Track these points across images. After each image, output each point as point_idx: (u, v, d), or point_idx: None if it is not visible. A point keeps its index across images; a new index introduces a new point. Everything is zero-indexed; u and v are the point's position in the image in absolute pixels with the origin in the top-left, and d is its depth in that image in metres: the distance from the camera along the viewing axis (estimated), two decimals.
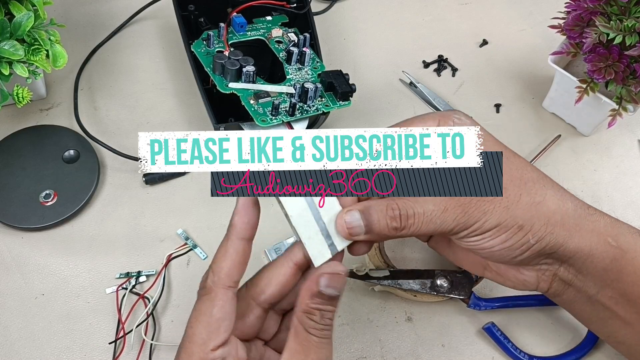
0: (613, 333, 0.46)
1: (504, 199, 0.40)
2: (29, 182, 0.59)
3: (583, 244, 0.42)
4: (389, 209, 0.39)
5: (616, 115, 0.58)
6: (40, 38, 0.54)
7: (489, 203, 0.40)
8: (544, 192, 0.41)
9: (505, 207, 0.40)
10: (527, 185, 0.41)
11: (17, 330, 0.53)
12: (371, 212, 0.39)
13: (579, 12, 0.57)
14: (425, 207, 0.39)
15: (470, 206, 0.39)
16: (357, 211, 0.39)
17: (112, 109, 0.66)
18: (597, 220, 0.43)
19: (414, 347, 0.53)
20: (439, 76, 0.71)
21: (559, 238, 0.41)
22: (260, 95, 0.58)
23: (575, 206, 0.43)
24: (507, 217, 0.40)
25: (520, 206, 0.40)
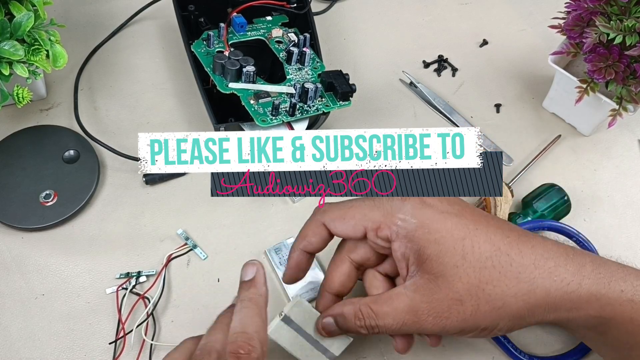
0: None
1: (461, 312, 0.40)
2: (29, 182, 0.59)
3: (559, 319, 0.42)
4: (356, 318, 0.43)
5: (616, 115, 0.58)
6: (40, 38, 0.54)
7: (445, 319, 0.40)
8: (504, 294, 0.40)
9: (463, 320, 0.41)
10: (484, 291, 0.40)
11: (17, 330, 0.53)
12: (341, 321, 0.44)
13: (579, 12, 0.57)
14: (386, 321, 0.42)
15: (427, 320, 0.41)
16: (331, 318, 0.44)
17: (112, 109, 0.66)
18: (577, 297, 0.40)
19: (414, 347, 0.53)
20: (439, 76, 0.71)
21: (529, 322, 0.42)
22: (261, 95, 0.58)
23: (546, 292, 0.40)
24: (467, 326, 0.41)
25: (479, 316, 0.40)
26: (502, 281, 0.40)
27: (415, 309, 0.41)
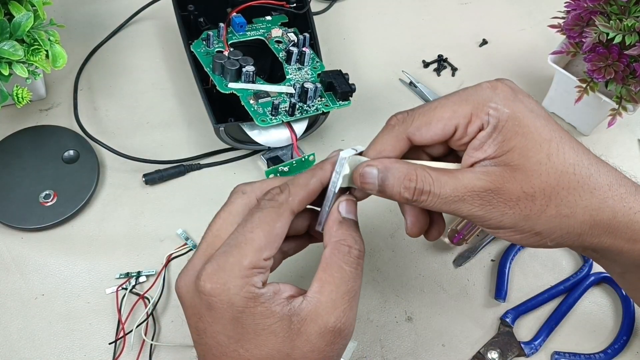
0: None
1: (526, 207, 0.38)
2: (28, 182, 0.58)
3: (614, 248, 0.40)
4: (406, 178, 0.38)
5: (616, 114, 0.58)
6: (40, 38, 0.54)
7: (509, 207, 0.38)
8: (575, 203, 0.38)
9: (525, 215, 0.38)
10: (559, 195, 0.38)
11: (17, 330, 0.53)
12: (389, 174, 0.39)
13: (578, 11, 0.57)
14: (443, 189, 0.38)
15: (490, 204, 0.38)
16: (376, 169, 0.39)
17: (111, 109, 0.66)
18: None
19: (414, 347, 0.53)
20: (438, 76, 0.71)
21: (583, 242, 0.39)
22: (260, 95, 0.58)
23: (614, 214, 0.39)
24: (525, 224, 0.38)
25: (542, 218, 0.38)
26: (578, 191, 0.38)
27: (481, 189, 0.37)
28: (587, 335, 0.55)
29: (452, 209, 0.38)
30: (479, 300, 0.56)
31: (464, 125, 0.39)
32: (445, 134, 0.40)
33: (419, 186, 0.38)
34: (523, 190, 0.37)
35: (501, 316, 0.55)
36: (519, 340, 0.53)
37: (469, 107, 0.39)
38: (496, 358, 0.53)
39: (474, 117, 0.39)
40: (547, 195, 0.38)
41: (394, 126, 0.41)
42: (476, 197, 0.37)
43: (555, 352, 0.53)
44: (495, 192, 0.37)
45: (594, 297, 0.57)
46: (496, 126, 0.38)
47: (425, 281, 0.57)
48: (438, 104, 0.40)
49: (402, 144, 0.41)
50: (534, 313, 0.56)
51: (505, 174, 0.38)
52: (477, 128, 0.39)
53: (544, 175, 0.38)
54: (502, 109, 0.38)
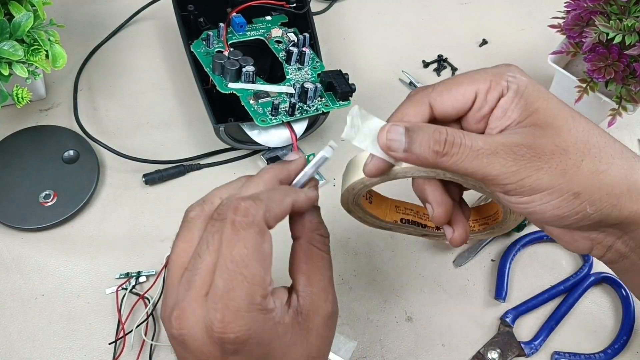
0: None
1: (562, 161, 0.36)
2: (28, 182, 0.58)
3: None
4: (436, 132, 0.37)
5: (616, 114, 0.58)
6: (40, 38, 0.54)
7: (544, 161, 0.36)
8: (609, 160, 0.37)
9: (562, 170, 0.36)
10: (591, 151, 0.37)
11: (17, 331, 0.53)
12: (417, 130, 0.37)
13: (578, 11, 0.57)
14: (474, 142, 0.36)
15: (524, 158, 0.36)
16: (402, 127, 0.37)
17: (111, 109, 0.66)
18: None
19: (414, 347, 0.53)
20: (438, 76, 0.71)
21: (623, 210, 0.37)
22: (260, 95, 0.58)
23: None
24: (563, 181, 0.36)
25: (580, 173, 0.36)
26: (609, 149, 0.37)
27: (514, 143, 0.36)
28: (587, 335, 0.55)
29: (484, 163, 0.36)
30: (479, 300, 0.56)
31: (484, 91, 0.39)
32: (466, 101, 0.39)
33: (450, 138, 0.37)
34: (556, 144, 0.36)
35: (501, 316, 0.55)
36: (519, 340, 0.53)
37: (488, 76, 0.39)
38: (496, 358, 0.53)
39: (493, 84, 0.39)
40: (580, 149, 0.37)
41: (416, 94, 0.40)
42: (509, 152, 0.36)
43: (555, 352, 0.53)
44: (528, 147, 0.36)
45: (594, 297, 0.57)
46: (517, 91, 0.38)
47: (425, 281, 0.57)
48: (458, 75, 0.41)
49: (424, 109, 0.40)
50: (534, 313, 0.56)
51: (535, 131, 0.37)
52: (497, 95, 0.38)
53: (574, 130, 0.37)
54: (520, 77, 0.39)
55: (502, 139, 0.37)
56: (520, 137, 0.37)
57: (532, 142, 0.36)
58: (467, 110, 0.40)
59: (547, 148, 0.36)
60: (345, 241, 0.59)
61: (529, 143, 0.36)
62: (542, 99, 0.38)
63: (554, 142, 0.36)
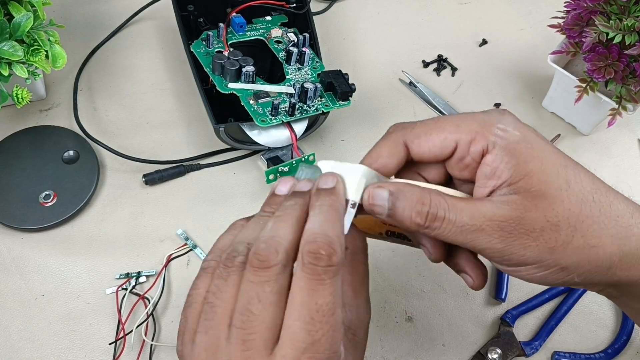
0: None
1: (551, 238, 0.34)
2: (28, 182, 0.58)
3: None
4: (419, 202, 0.35)
5: (616, 114, 0.58)
6: (40, 39, 0.54)
7: (532, 238, 0.34)
8: (602, 233, 0.35)
9: (550, 248, 0.34)
10: (584, 223, 0.35)
11: (17, 331, 0.53)
12: (400, 197, 0.35)
13: (578, 11, 0.57)
14: (459, 217, 0.34)
15: (511, 235, 0.34)
16: (387, 191, 0.35)
17: (111, 110, 0.66)
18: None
19: (414, 347, 0.53)
20: (438, 76, 0.71)
21: (612, 277, 0.36)
22: (260, 95, 0.58)
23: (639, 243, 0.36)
24: (550, 257, 0.35)
25: (568, 250, 0.35)
26: (602, 219, 0.35)
27: (502, 218, 0.34)
28: (587, 335, 0.55)
29: (468, 239, 0.35)
30: (479, 300, 0.56)
31: (467, 142, 0.36)
32: (445, 148, 0.37)
33: (433, 211, 0.35)
34: (547, 219, 0.34)
35: (501, 316, 0.55)
36: (519, 340, 0.53)
37: (475, 125, 0.36)
38: (496, 358, 0.53)
39: (478, 135, 0.36)
40: (572, 224, 0.34)
41: (392, 132, 0.39)
42: (496, 228, 0.34)
43: (555, 352, 0.53)
44: (517, 222, 0.34)
45: (594, 297, 0.57)
46: (506, 148, 0.35)
47: (425, 281, 0.57)
48: (442, 117, 0.38)
49: (399, 150, 0.38)
50: (534, 313, 0.56)
51: (526, 201, 0.35)
52: (480, 149, 0.36)
53: (567, 202, 0.35)
54: (511, 131, 0.36)
55: (491, 211, 0.34)
56: (511, 209, 0.34)
57: (522, 215, 0.34)
58: (447, 158, 0.38)
59: (537, 223, 0.34)
60: None
61: (518, 217, 0.34)
62: (536, 160, 0.35)
63: (545, 217, 0.34)
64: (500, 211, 0.34)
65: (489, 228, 0.34)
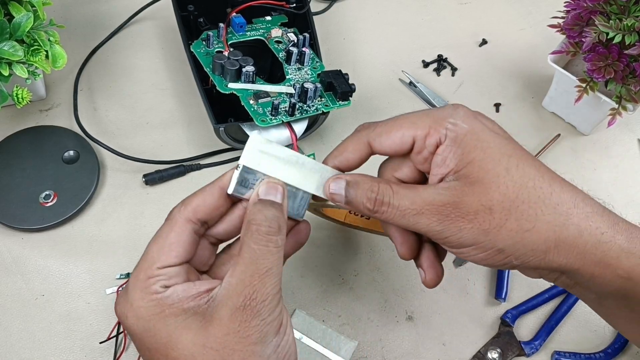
0: (621, 328, 0.46)
1: (485, 221, 0.37)
2: (28, 182, 0.58)
3: (584, 271, 0.39)
4: (369, 190, 0.40)
5: (616, 114, 0.59)
6: (40, 39, 0.54)
7: (467, 221, 0.38)
8: (537, 218, 0.38)
9: (484, 230, 0.37)
10: (518, 208, 0.37)
11: (18, 331, 0.53)
12: (354, 186, 0.41)
13: (578, 11, 0.57)
14: (402, 202, 0.39)
15: (448, 218, 0.38)
16: (344, 181, 0.41)
17: (111, 110, 0.66)
18: (608, 249, 0.38)
19: (414, 346, 0.53)
20: (438, 76, 0.71)
21: (551, 262, 0.38)
22: (260, 95, 0.58)
23: (579, 232, 0.38)
24: (485, 239, 0.38)
25: (501, 232, 0.37)
26: (539, 206, 0.38)
27: (440, 202, 0.38)
28: (587, 335, 0.55)
29: (411, 222, 0.39)
30: (479, 300, 0.56)
31: (422, 137, 0.40)
32: (404, 144, 0.41)
33: (379, 197, 0.39)
34: (481, 203, 0.38)
35: (501, 316, 0.55)
36: (519, 340, 0.53)
37: (428, 121, 0.40)
38: (496, 358, 0.53)
39: (432, 130, 0.40)
40: (506, 208, 0.37)
41: (358, 131, 0.43)
42: (434, 211, 0.38)
43: (555, 352, 0.53)
44: (453, 206, 0.38)
45: None
46: (455, 139, 0.39)
47: None
48: (401, 117, 0.42)
49: (362, 147, 0.42)
50: (534, 313, 0.56)
51: (464, 187, 0.38)
52: (435, 141, 0.40)
53: (502, 187, 0.38)
54: (460, 124, 0.40)
55: (431, 197, 0.39)
56: (449, 194, 0.38)
57: (459, 200, 0.38)
58: (407, 152, 0.41)
59: (472, 207, 0.38)
60: (345, 241, 0.59)
61: (455, 202, 0.38)
62: (479, 149, 0.39)
63: (480, 201, 0.38)
64: (439, 196, 0.38)
65: (427, 212, 0.38)
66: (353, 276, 0.57)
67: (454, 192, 0.38)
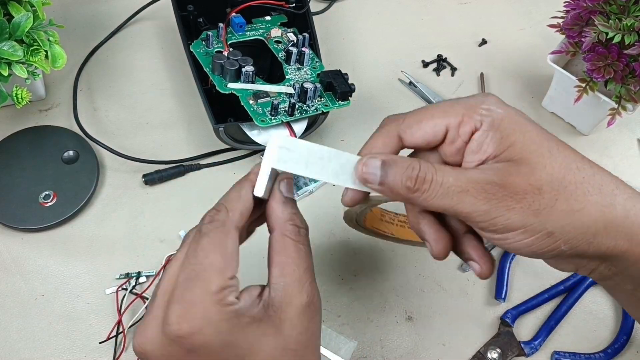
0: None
1: (535, 201, 0.35)
2: (28, 182, 0.58)
3: (631, 253, 0.37)
4: (409, 167, 0.37)
5: (615, 114, 0.58)
6: (39, 39, 0.54)
7: (516, 201, 0.35)
8: (585, 198, 0.36)
9: (534, 210, 0.36)
10: (567, 188, 0.36)
11: (17, 331, 0.53)
12: (392, 165, 0.37)
13: (578, 11, 0.57)
14: (445, 178, 0.36)
15: (495, 197, 0.36)
16: (379, 160, 0.38)
17: (111, 110, 0.66)
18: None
19: (414, 347, 0.53)
20: (438, 76, 0.71)
21: (600, 246, 0.37)
22: (260, 95, 0.58)
23: (626, 213, 0.37)
24: (535, 221, 0.36)
25: (553, 212, 0.36)
26: (585, 186, 0.36)
27: (485, 181, 0.36)
28: (587, 335, 0.55)
29: (454, 202, 0.36)
30: (479, 300, 0.56)
31: (456, 125, 0.38)
32: (436, 134, 0.39)
33: (421, 174, 0.36)
34: (529, 182, 0.36)
35: (501, 316, 0.55)
36: (519, 340, 0.53)
37: (461, 108, 0.38)
38: (496, 358, 0.53)
39: (466, 117, 0.38)
40: (555, 188, 0.36)
41: (386, 125, 0.41)
42: (481, 190, 0.36)
43: (555, 352, 0.53)
44: (500, 186, 0.36)
45: (594, 297, 0.57)
46: (492, 124, 0.37)
47: (425, 281, 0.57)
48: (431, 106, 0.40)
49: (393, 141, 0.40)
50: (534, 313, 0.56)
51: (510, 168, 0.36)
52: (469, 129, 0.38)
53: (549, 167, 0.36)
54: (495, 109, 0.38)
55: (475, 175, 0.36)
56: (494, 174, 0.36)
57: (505, 180, 0.36)
58: (439, 143, 0.39)
59: (520, 187, 0.36)
60: (345, 241, 0.59)
61: (502, 181, 0.36)
62: (518, 132, 0.37)
63: (528, 181, 0.36)
64: (485, 175, 0.36)
65: (473, 190, 0.36)
66: (353, 276, 0.57)
67: (500, 173, 0.36)
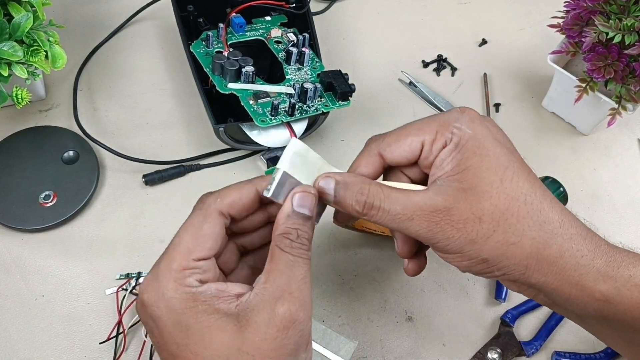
0: (608, 343, 0.46)
1: (473, 230, 0.38)
2: (28, 183, 0.58)
3: (561, 291, 0.39)
4: (359, 192, 0.39)
5: (615, 114, 0.59)
6: (39, 39, 0.54)
7: (455, 230, 0.38)
8: (523, 233, 0.38)
9: (471, 240, 0.38)
10: (507, 221, 0.38)
11: (17, 331, 0.53)
12: (343, 187, 0.40)
13: (578, 11, 0.57)
14: (393, 207, 0.39)
15: (438, 225, 0.38)
16: (333, 180, 0.40)
17: (111, 110, 0.66)
18: (586, 272, 0.39)
19: (414, 347, 0.53)
20: (438, 76, 0.71)
21: (530, 278, 0.39)
22: (260, 95, 0.58)
23: (561, 253, 0.39)
24: (471, 249, 0.38)
25: (488, 243, 0.38)
26: (527, 221, 0.38)
27: (431, 208, 0.38)
28: (587, 335, 0.54)
29: (401, 227, 0.39)
30: (479, 300, 0.56)
31: (430, 142, 0.41)
32: (413, 151, 0.41)
33: (369, 200, 0.39)
34: (472, 211, 0.38)
35: (501, 316, 0.55)
36: (519, 340, 0.53)
37: (435, 125, 0.41)
38: (496, 358, 0.53)
39: (439, 134, 0.40)
40: (495, 219, 0.38)
41: (368, 145, 0.43)
42: (424, 218, 0.38)
43: (555, 352, 0.53)
44: (444, 213, 0.38)
45: None
46: (457, 144, 0.39)
47: (425, 281, 0.57)
48: (408, 125, 0.42)
49: (375, 160, 0.43)
50: (534, 313, 0.56)
51: (457, 193, 0.38)
52: (441, 146, 0.40)
53: (494, 198, 0.38)
54: (465, 129, 0.40)
55: (422, 201, 0.39)
56: (441, 199, 0.38)
57: (450, 206, 0.38)
58: (417, 159, 0.42)
59: (463, 215, 0.38)
60: (345, 241, 0.59)
61: (447, 208, 0.38)
62: (477, 157, 0.39)
63: (471, 209, 0.38)
64: (431, 202, 0.39)
65: (418, 217, 0.38)
66: (353, 276, 0.57)
67: (446, 198, 0.38)
